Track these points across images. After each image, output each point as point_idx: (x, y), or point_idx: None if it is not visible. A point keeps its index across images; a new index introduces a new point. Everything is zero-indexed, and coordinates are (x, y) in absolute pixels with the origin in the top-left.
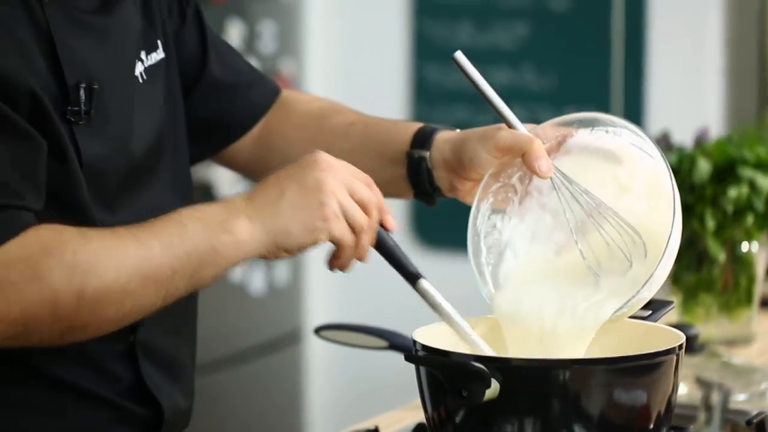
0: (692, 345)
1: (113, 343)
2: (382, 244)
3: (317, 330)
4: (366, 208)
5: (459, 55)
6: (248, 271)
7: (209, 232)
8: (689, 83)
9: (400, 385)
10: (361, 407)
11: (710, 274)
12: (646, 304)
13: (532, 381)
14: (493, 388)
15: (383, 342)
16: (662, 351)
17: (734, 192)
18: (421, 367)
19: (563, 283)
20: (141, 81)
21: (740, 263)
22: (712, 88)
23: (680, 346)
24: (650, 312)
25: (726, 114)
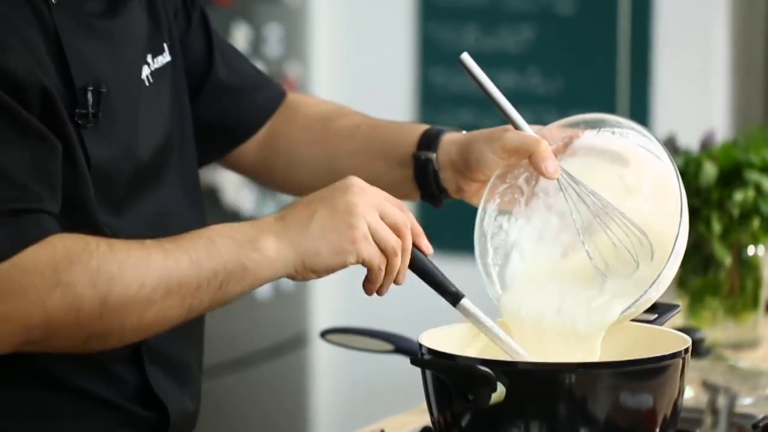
0: (698, 349)
1: (120, 347)
2: (420, 266)
3: (323, 334)
4: (398, 231)
5: (465, 57)
6: None
7: (238, 249)
8: (695, 86)
9: (406, 389)
10: (367, 411)
11: (716, 278)
12: (652, 308)
13: (539, 384)
14: (499, 392)
15: (389, 345)
16: (668, 355)
17: (740, 195)
18: (427, 371)
19: (570, 284)
20: (147, 84)
21: (746, 267)
22: (719, 92)
23: (686, 350)
24: (656, 316)
25: (732, 117)
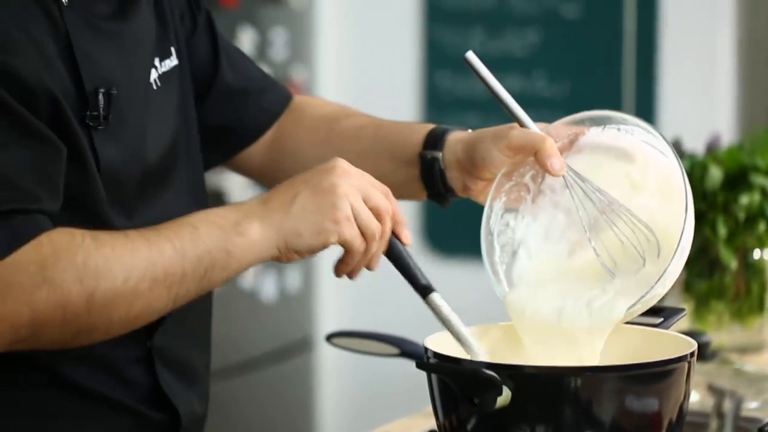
0: (704, 352)
1: (131, 349)
2: (395, 254)
3: (329, 337)
4: (380, 216)
5: (471, 56)
6: (260, 278)
7: (222, 235)
8: (701, 90)
9: (412, 393)
10: (373, 414)
11: (722, 282)
12: (658, 312)
13: (544, 388)
14: (505, 396)
15: (395, 349)
16: (674, 358)
17: (746, 199)
18: (433, 375)
19: (577, 281)
20: (155, 88)
21: (752, 270)
22: (724, 95)
23: (692, 354)
24: (662, 319)
25: (737, 121)
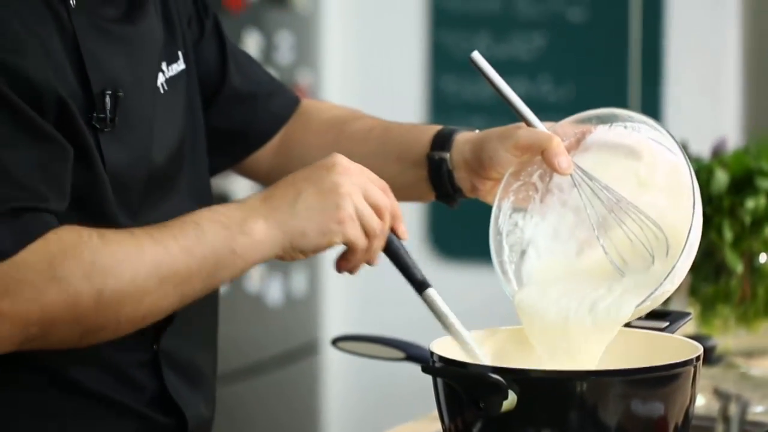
0: (710, 356)
1: (137, 352)
2: (392, 250)
3: (334, 341)
4: (380, 213)
5: (476, 56)
6: (266, 282)
7: (227, 234)
8: (707, 93)
9: (417, 397)
10: (378, 418)
11: (728, 286)
12: (664, 316)
13: (550, 392)
14: (511, 400)
15: (400, 353)
16: (680, 362)
17: (752, 203)
18: (438, 379)
19: (586, 280)
20: (162, 92)
21: (758, 274)
22: (730, 99)
23: (698, 358)
24: (668, 323)
25: (743, 125)
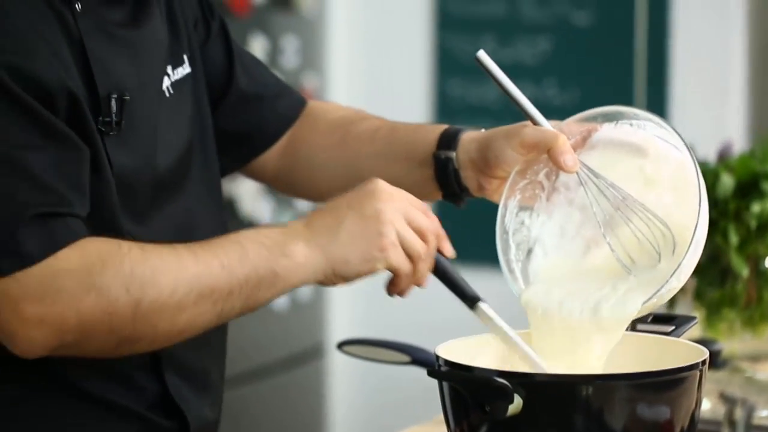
0: (715, 360)
1: (139, 355)
2: (440, 270)
3: (340, 345)
4: (423, 236)
5: (482, 55)
6: None
7: (268, 255)
8: (712, 98)
9: (423, 400)
10: (384, 422)
11: (733, 290)
12: (670, 320)
13: (555, 396)
14: (516, 404)
15: (406, 357)
16: (685, 366)
17: (758, 207)
18: (444, 383)
19: (592, 278)
20: (168, 95)
21: (764, 278)
22: (736, 103)
23: (703, 362)
24: (673, 327)
25: (749, 129)
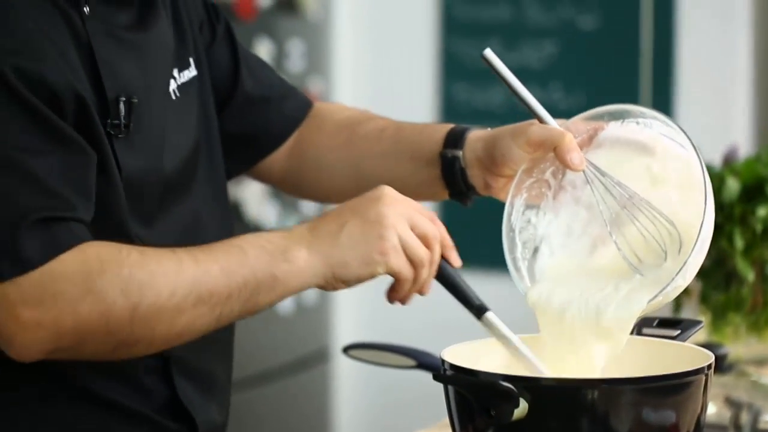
0: (721, 364)
1: (147, 358)
2: (445, 278)
3: (345, 349)
4: (427, 242)
5: (489, 53)
6: None
7: (269, 259)
8: (718, 101)
9: (428, 404)
10: (389, 426)
11: (739, 294)
12: (675, 324)
13: (561, 400)
14: (522, 408)
15: (411, 361)
16: (691, 371)
17: (763, 211)
18: (450, 387)
19: (599, 276)
20: (174, 98)
21: None
22: (741, 107)
23: (709, 366)
24: (679, 331)
25: (755, 133)
